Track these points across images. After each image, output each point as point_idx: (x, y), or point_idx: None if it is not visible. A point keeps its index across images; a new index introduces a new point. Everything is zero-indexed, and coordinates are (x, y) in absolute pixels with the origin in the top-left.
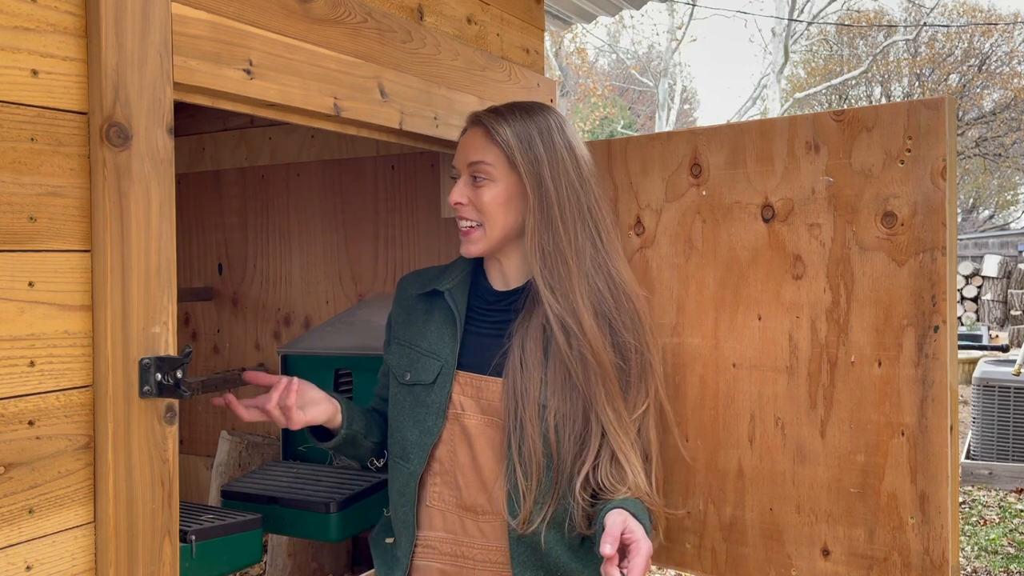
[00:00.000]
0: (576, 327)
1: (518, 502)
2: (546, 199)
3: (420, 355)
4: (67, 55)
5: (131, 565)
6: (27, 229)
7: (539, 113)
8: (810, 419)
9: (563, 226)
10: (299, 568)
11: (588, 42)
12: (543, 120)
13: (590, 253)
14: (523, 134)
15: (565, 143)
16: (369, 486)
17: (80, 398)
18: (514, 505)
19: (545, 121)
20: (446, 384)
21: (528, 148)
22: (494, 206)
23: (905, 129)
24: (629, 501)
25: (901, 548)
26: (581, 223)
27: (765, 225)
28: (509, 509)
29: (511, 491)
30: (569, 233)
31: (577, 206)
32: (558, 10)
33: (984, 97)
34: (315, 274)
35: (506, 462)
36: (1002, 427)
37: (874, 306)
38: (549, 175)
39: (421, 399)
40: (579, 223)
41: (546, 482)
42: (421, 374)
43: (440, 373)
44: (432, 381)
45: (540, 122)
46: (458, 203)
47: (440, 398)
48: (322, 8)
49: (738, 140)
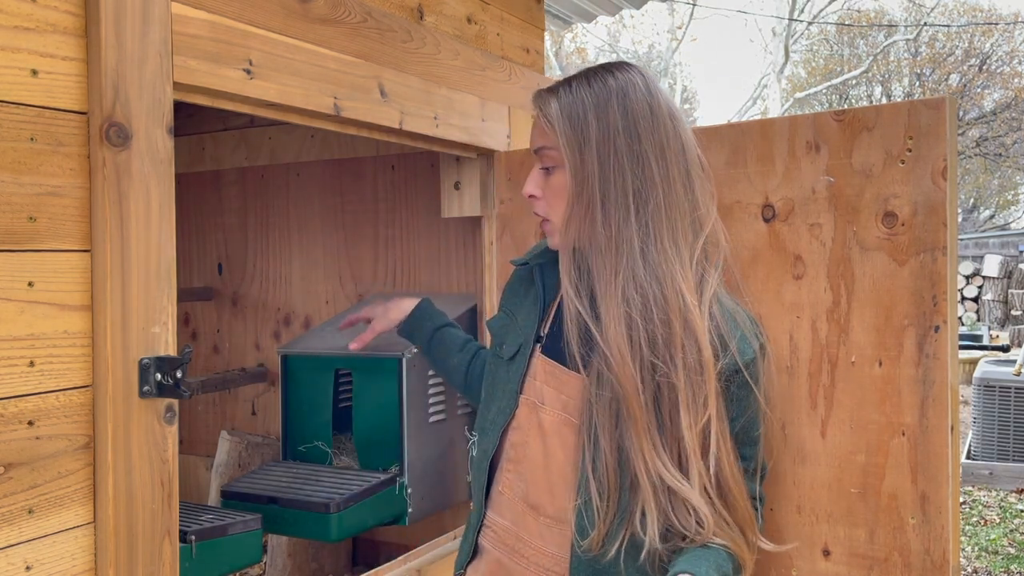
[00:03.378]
0: (598, 335)
1: (590, 521)
2: (584, 184)
3: (513, 328)
4: (67, 55)
5: (131, 565)
6: (27, 229)
7: (602, 78)
8: (810, 419)
9: (603, 216)
10: (299, 568)
11: (588, 42)
12: (603, 87)
13: (638, 251)
14: (572, 109)
15: (626, 114)
16: (369, 486)
17: (80, 398)
18: (584, 522)
19: (604, 88)
20: (522, 364)
21: (571, 125)
22: (559, 195)
23: (906, 129)
24: (697, 555)
25: (902, 548)
26: (624, 213)
27: (766, 225)
28: (578, 526)
29: (582, 507)
30: (610, 226)
31: (623, 192)
32: (558, 10)
33: (985, 97)
34: (315, 274)
35: (579, 471)
36: (1002, 427)
37: (875, 306)
38: (595, 155)
39: (501, 375)
40: (622, 213)
41: (625, 503)
42: (506, 348)
43: (519, 351)
44: (511, 357)
45: (599, 90)
46: (531, 195)
47: (514, 377)
48: (322, 8)
49: (738, 140)
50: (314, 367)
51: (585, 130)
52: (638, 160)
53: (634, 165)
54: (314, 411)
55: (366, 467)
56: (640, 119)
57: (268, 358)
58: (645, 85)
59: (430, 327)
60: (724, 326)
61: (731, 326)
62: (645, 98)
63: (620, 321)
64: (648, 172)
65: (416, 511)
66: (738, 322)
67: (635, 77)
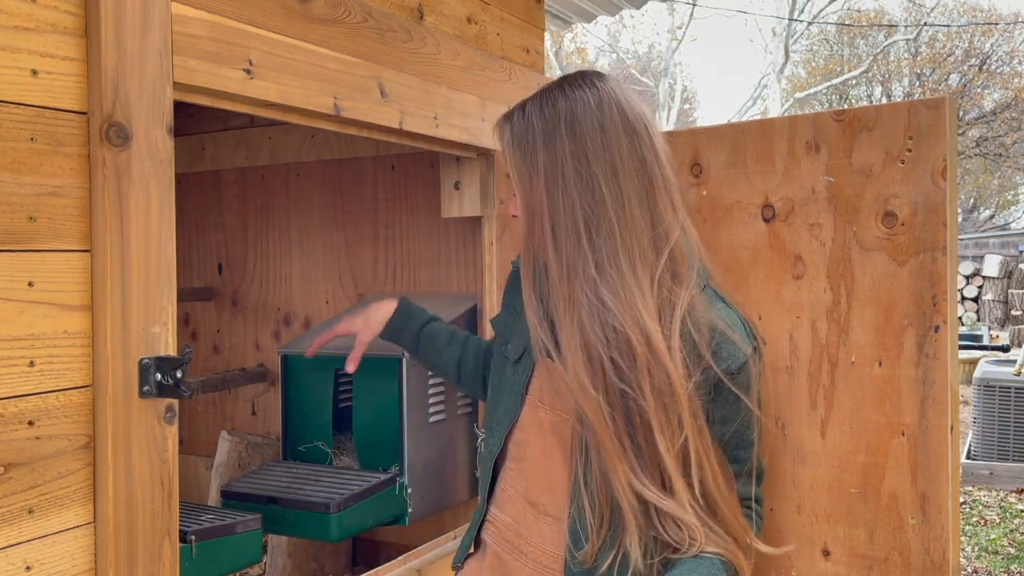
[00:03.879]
0: (559, 363)
1: (583, 532)
2: (534, 214)
3: (516, 327)
4: (67, 55)
5: (131, 565)
6: (27, 229)
7: (553, 100)
8: (810, 419)
9: (554, 245)
10: (299, 568)
11: (588, 42)
12: (553, 111)
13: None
14: (522, 138)
15: (575, 138)
16: (369, 486)
17: (80, 398)
18: (577, 529)
19: (554, 113)
20: (527, 367)
21: (521, 155)
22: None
23: (906, 129)
24: (690, 566)
25: (902, 548)
26: (575, 240)
27: (765, 225)
28: (571, 532)
29: (575, 514)
30: (562, 254)
31: (572, 220)
32: (558, 10)
33: (984, 97)
34: (315, 274)
35: (573, 477)
36: (1003, 427)
37: (874, 306)
38: (543, 184)
39: (508, 376)
40: (573, 241)
41: (616, 521)
42: (512, 348)
43: (524, 353)
44: (517, 359)
45: (548, 115)
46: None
47: (520, 379)
48: (322, 8)
49: (738, 140)
50: (314, 367)
51: (533, 158)
52: (587, 185)
53: (583, 190)
54: (314, 411)
55: (366, 467)
56: (589, 141)
57: (268, 358)
58: (597, 101)
59: (414, 327)
60: (703, 339)
61: (711, 337)
62: (595, 117)
63: (578, 349)
64: (599, 196)
65: (416, 511)
66: (721, 330)
67: (586, 94)
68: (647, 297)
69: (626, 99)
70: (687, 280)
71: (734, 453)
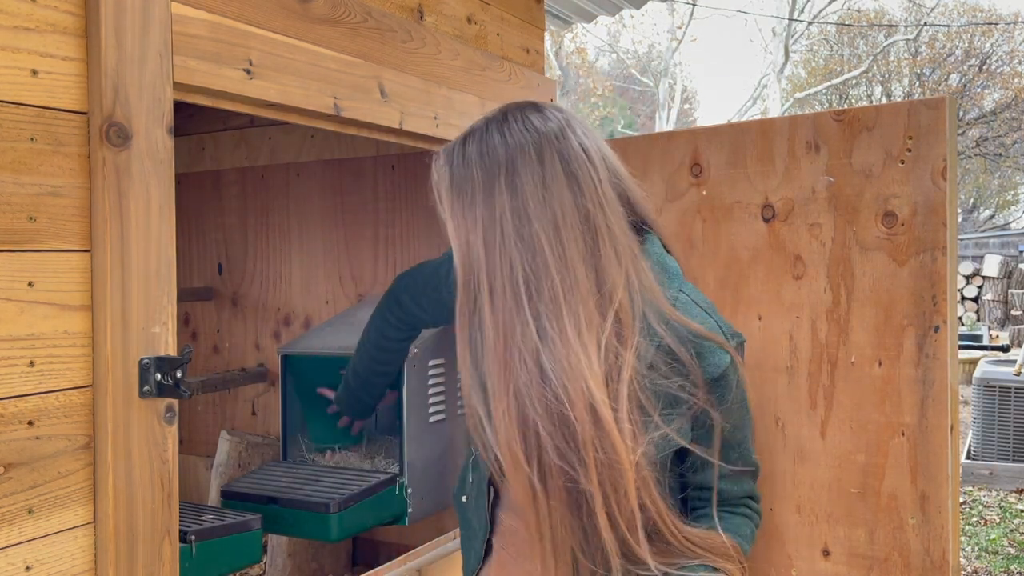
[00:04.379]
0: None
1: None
2: (471, 272)
3: None
4: (67, 55)
5: (131, 565)
6: (27, 229)
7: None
8: (810, 419)
9: (491, 307)
10: (299, 568)
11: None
12: (493, 159)
13: (533, 343)
14: (461, 186)
15: (515, 193)
16: (369, 486)
17: (80, 398)
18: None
19: (494, 161)
20: None
21: (457, 199)
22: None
23: (905, 129)
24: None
25: (902, 548)
26: (515, 304)
27: (765, 225)
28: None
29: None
30: (499, 318)
31: (511, 281)
32: (558, 10)
33: (984, 97)
34: (315, 274)
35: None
36: (1002, 427)
37: (874, 306)
38: (480, 240)
39: None
40: (512, 304)
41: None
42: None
43: None
44: None
45: (489, 163)
46: None
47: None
48: (322, 8)
49: (738, 140)
50: (314, 367)
51: (472, 210)
52: (528, 244)
53: (524, 249)
54: (314, 411)
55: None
56: (530, 197)
57: (268, 358)
58: (539, 151)
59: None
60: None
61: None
62: (536, 171)
63: (512, 421)
64: (540, 256)
65: (416, 511)
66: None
67: (528, 139)
68: (594, 364)
69: (569, 143)
70: (631, 339)
71: (725, 454)
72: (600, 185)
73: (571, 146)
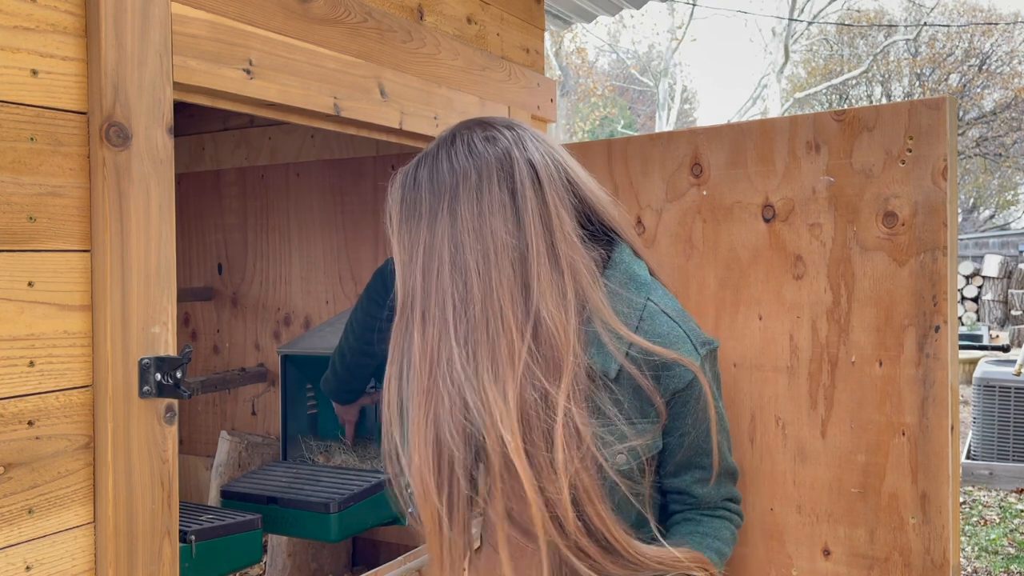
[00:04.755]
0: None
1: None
2: (408, 295)
3: None
4: (67, 55)
5: (131, 565)
6: (27, 229)
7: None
8: (811, 419)
9: (421, 331)
10: (299, 568)
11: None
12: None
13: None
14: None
15: (454, 220)
16: (369, 486)
17: (80, 398)
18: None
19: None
20: None
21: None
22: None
23: (906, 129)
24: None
25: (902, 548)
26: (442, 329)
27: (766, 225)
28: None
29: None
30: (427, 343)
31: (442, 307)
32: (558, 10)
33: (984, 97)
34: (315, 274)
35: None
36: (1002, 427)
37: (875, 306)
38: (420, 265)
39: None
40: (440, 329)
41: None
42: None
43: None
44: None
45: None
46: None
47: None
48: (322, 8)
49: (739, 140)
50: (314, 367)
51: (416, 236)
52: (460, 272)
53: (456, 278)
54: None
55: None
56: (467, 225)
57: (268, 358)
58: (479, 175)
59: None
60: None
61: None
62: (474, 196)
63: (428, 446)
64: (469, 284)
65: None
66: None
67: (469, 164)
68: (509, 396)
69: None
70: (566, 365)
71: (697, 459)
72: (547, 205)
73: (516, 168)
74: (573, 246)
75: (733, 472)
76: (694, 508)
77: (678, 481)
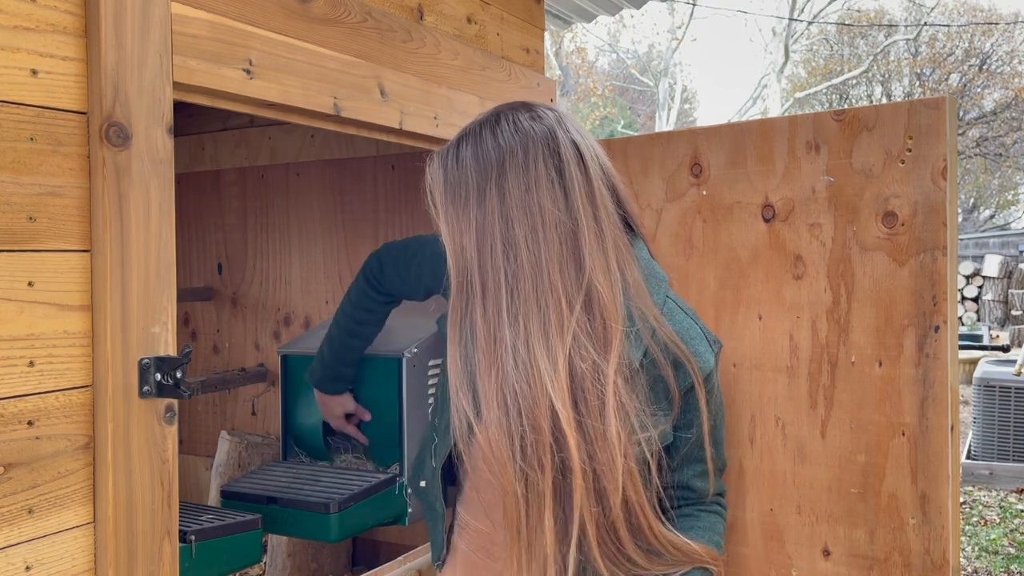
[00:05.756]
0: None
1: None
2: (464, 273)
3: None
4: (67, 55)
5: (131, 565)
6: (27, 229)
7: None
8: (810, 419)
9: (482, 308)
10: (299, 568)
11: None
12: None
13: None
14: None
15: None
16: (369, 486)
17: (80, 398)
18: None
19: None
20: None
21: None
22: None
23: (906, 129)
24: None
25: (902, 548)
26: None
27: (765, 225)
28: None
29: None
30: (489, 320)
31: (497, 283)
32: (558, 10)
33: (985, 97)
34: (315, 274)
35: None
36: (1003, 427)
37: (874, 306)
38: (474, 242)
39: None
40: (496, 306)
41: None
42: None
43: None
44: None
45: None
46: None
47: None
48: (322, 8)
49: (738, 140)
50: None
51: (466, 214)
52: (512, 247)
53: (508, 253)
54: (314, 411)
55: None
56: (514, 201)
57: (268, 358)
58: (525, 151)
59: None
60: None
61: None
62: (522, 172)
63: (501, 423)
64: (520, 260)
65: (416, 511)
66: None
67: (516, 141)
68: (559, 368)
69: (559, 143)
70: (615, 339)
71: (700, 454)
72: (591, 183)
73: (561, 146)
74: (615, 225)
75: (725, 465)
76: (692, 503)
77: (680, 475)
